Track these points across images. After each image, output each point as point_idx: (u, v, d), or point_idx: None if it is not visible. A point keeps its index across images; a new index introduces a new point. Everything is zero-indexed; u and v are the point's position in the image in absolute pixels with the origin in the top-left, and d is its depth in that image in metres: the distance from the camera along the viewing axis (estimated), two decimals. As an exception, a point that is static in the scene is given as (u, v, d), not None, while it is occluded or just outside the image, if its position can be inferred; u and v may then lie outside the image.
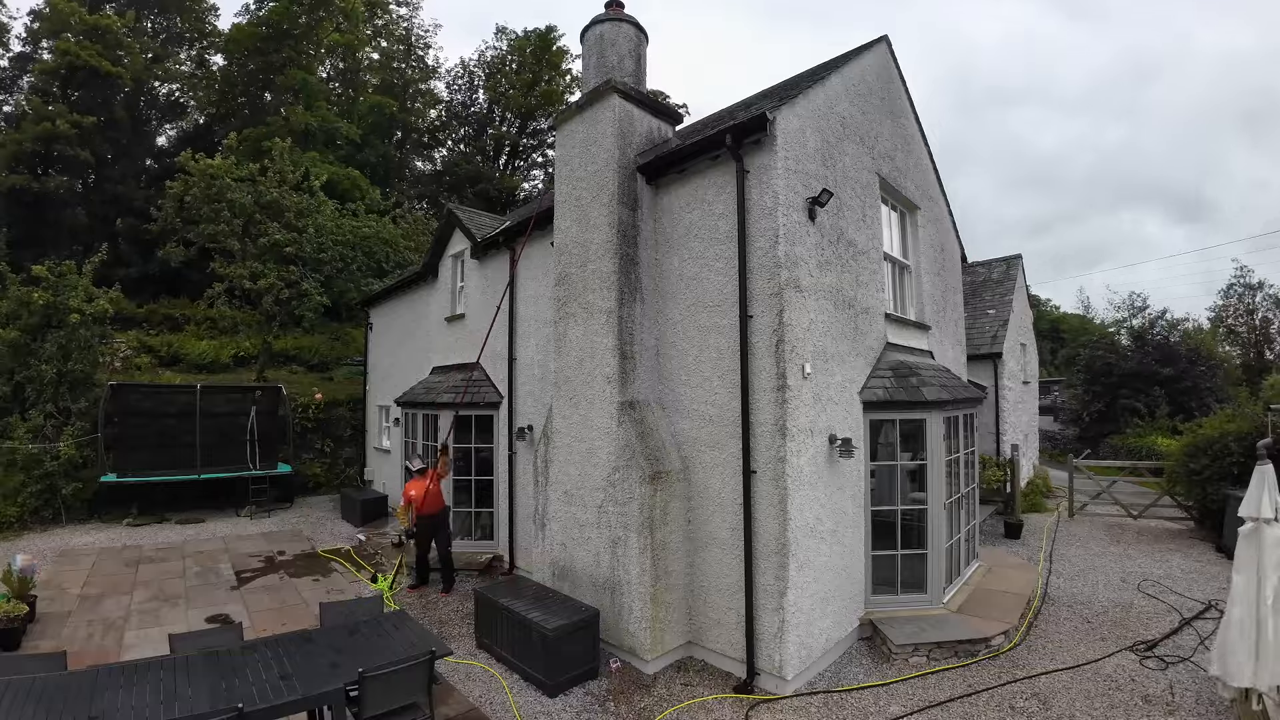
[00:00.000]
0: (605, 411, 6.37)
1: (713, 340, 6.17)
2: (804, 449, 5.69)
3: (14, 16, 25.39)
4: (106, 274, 15.30)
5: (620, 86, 6.69)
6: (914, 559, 6.78)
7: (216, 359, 18.84)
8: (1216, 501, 9.97)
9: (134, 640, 6.48)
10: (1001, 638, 6.26)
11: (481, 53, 34.87)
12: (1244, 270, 33.28)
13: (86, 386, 12.80)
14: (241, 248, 16.02)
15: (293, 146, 18.53)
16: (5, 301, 12.61)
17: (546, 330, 8.15)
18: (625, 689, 5.58)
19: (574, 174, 7.00)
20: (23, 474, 11.48)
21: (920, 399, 6.60)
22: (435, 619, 7.29)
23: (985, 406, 13.01)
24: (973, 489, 8.02)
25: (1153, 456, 15.90)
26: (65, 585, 8.12)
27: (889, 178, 7.87)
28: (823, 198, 6.03)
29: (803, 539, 5.61)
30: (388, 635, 4.61)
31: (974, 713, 5.09)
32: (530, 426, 8.61)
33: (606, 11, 7.49)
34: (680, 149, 6.41)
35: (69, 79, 21.91)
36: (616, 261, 6.36)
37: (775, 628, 5.46)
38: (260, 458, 13.29)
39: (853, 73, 7.33)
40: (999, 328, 15.03)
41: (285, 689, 3.71)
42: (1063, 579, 8.39)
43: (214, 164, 16.15)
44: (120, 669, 3.97)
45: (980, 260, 17.88)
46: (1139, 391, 20.11)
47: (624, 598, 6.06)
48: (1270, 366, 30.77)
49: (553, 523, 7.06)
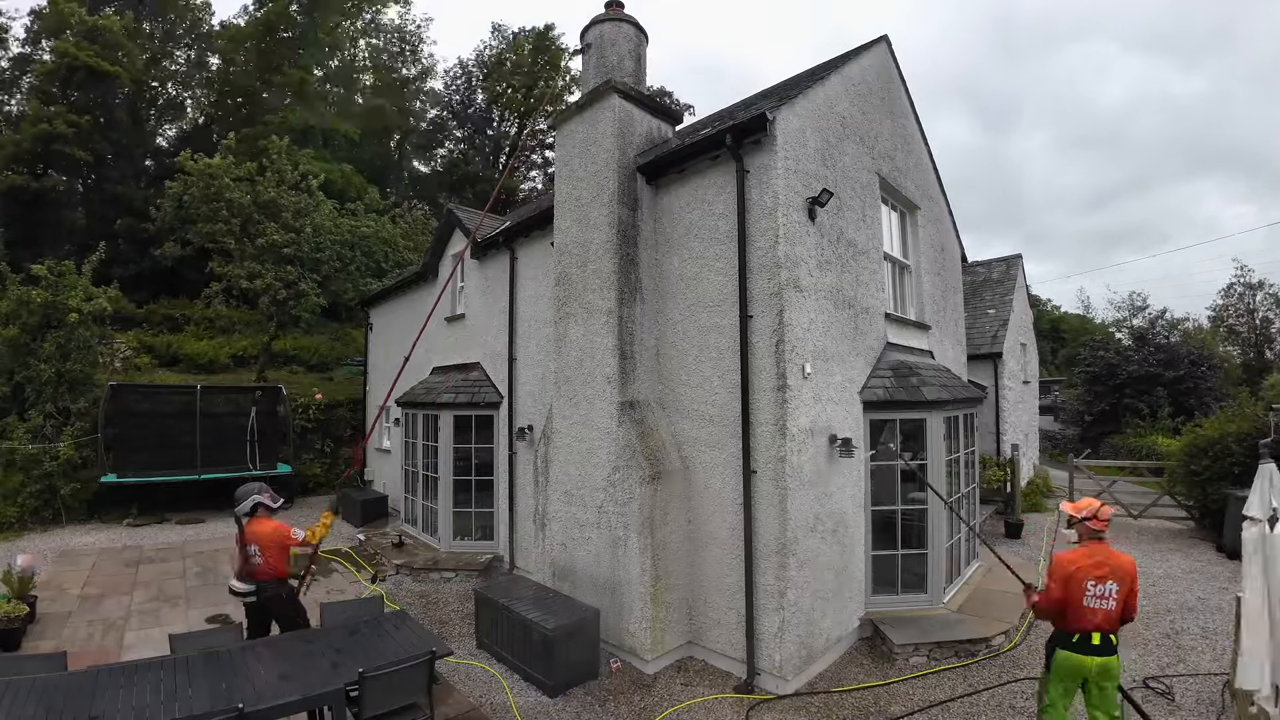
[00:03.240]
0: (605, 411, 6.37)
1: (713, 340, 6.17)
2: (804, 449, 5.69)
3: (14, 17, 25.42)
4: (105, 273, 15.28)
5: (620, 86, 6.69)
6: (914, 559, 6.78)
7: (216, 359, 18.83)
8: (1217, 501, 9.97)
9: (134, 640, 6.48)
10: (1002, 638, 6.26)
11: (480, 52, 34.87)
12: (1244, 270, 33.31)
13: (86, 386, 12.79)
14: (239, 248, 16.01)
15: (290, 145, 18.52)
16: (4, 301, 12.59)
17: (546, 330, 8.15)
18: (625, 689, 5.58)
19: (574, 174, 7.00)
20: (22, 474, 11.47)
21: (920, 399, 6.60)
22: (435, 619, 7.29)
23: (985, 406, 13.01)
24: (973, 489, 8.02)
25: (1153, 456, 15.88)
26: (65, 585, 8.12)
27: (889, 178, 7.87)
28: (823, 198, 6.03)
29: (803, 538, 5.61)
30: (388, 635, 4.61)
31: (974, 713, 5.09)
32: (530, 426, 8.61)
33: (607, 11, 7.50)
34: (680, 149, 6.41)
35: (68, 79, 21.88)
36: (616, 261, 6.36)
37: (775, 627, 5.46)
38: (260, 458, 13.28)
39: (853, 72, 7.33)
40: (999, 327, 15.03)
41: (285, 689, 3.70)
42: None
43: (213, 164, 16.14)
44: (120, 669, 3.97)
45: (980, 260, 17.90)
46: (1142, 393, 20.13)
47: (624, 598, 6.06)
48: (1270, 366, 30.80)
49: (553, 523, 7.06)
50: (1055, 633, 4.15)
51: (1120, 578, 3.96)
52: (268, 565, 5.13)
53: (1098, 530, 4.11)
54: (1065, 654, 4.02)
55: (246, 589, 5.20)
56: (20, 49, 25.21)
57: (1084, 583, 3.97)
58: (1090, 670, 3.95)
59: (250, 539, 5.18)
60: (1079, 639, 3.97)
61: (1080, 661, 3.97)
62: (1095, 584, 3.96)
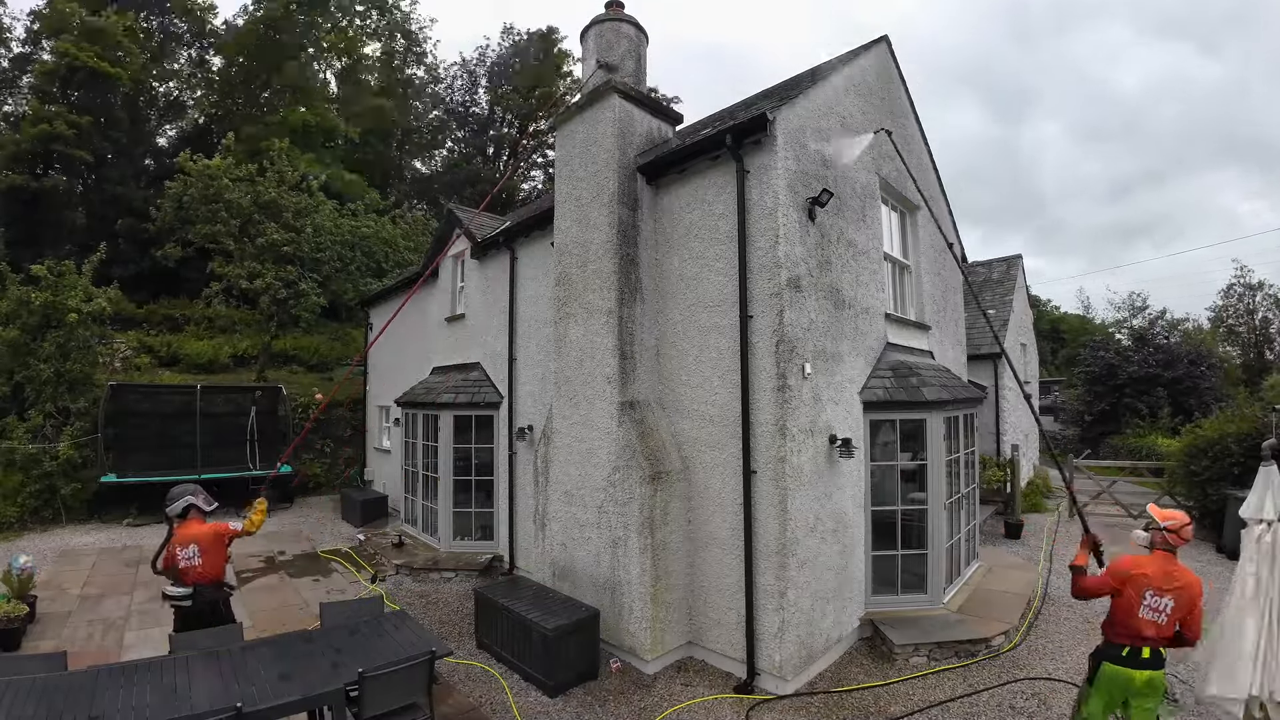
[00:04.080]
0: (605, 412, 6.37)
1: (713, 340, 6.17)
2: (804, 449, 5.69)
3: (15, 17, 25.42)
4: (105, 273, 15.27)
5: (620, 87, 6.69)
6: (914, 559, 6.78)
7: (216, 359, 18.82)
8: (1216, 502, 9.98)
9: (134, 640, 6.48)
10: (1002, 638, 6.26)
11: (482, 52, 34.88)
12: (1244, 270, 33.28)
13: (86, 386, 12.79)
14: (239, 248, 16.01)
15: (291, 146, 18.54)
16: (4, 301, 12.59)
17: (546, 330, 8.15)
18: (625, 689, 5.58)
19: (574, 174, 7.00)
20: (22, 474, 11.47)
21: (920, 399, 6.60)
22: (435, 619, 7.29)
23: (985, 406, 13.02)
24: (973, 489, 8.02)
25: (1153, 457, 15.90)
26: (65, 585, 8.12)
27: (889, 178, 7.88)
28: (823, 198, 6.03)
29: (803, 539, 5.61)
30: (388, 635, 4.61)
31: (974, 713, 5.09)
32: (530, 426, 8.61)
33: (606, 11, 7.50)
34: (680, 149, 6.41)
35: (68, 79, 21.87)
36: (616, 261, 6.36)
37: (775, 627, 5.46)
38: (260, 458, 13.29)
39: (853, 72, 7.34)
40: (999, 328, 15.04)
41: (285, 689, 3.70)
42: (1063, 579, 8.38)
43: (212, 164, 16.15)
44: (120, 669, 3.97)
45: (980, 260, 17.92)
46: (1142, 393, 20.15)
47: (624, 598, 6.06)
48: (1270, 366, 30.76)
49: (553, 523, 7.06)
50: (1104, 645, 4.04)
51: (1181, 598, 3.82)
52: (206, 567, 4.95)
53: (1173, 545, 3.99)
54: (1114, 669, 3.91)
55: (182, 593, 4.96)
56: (20, 49, 25.21)
57: (1144, 591, 3.85)
58: (1137, 684, 3.85)
59: (187, 540, 4.98)
60: (1129, 652, 3.87)
61: (1129, 676, 3.86)
62: (1155, 595, 3.83)
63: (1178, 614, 3.84)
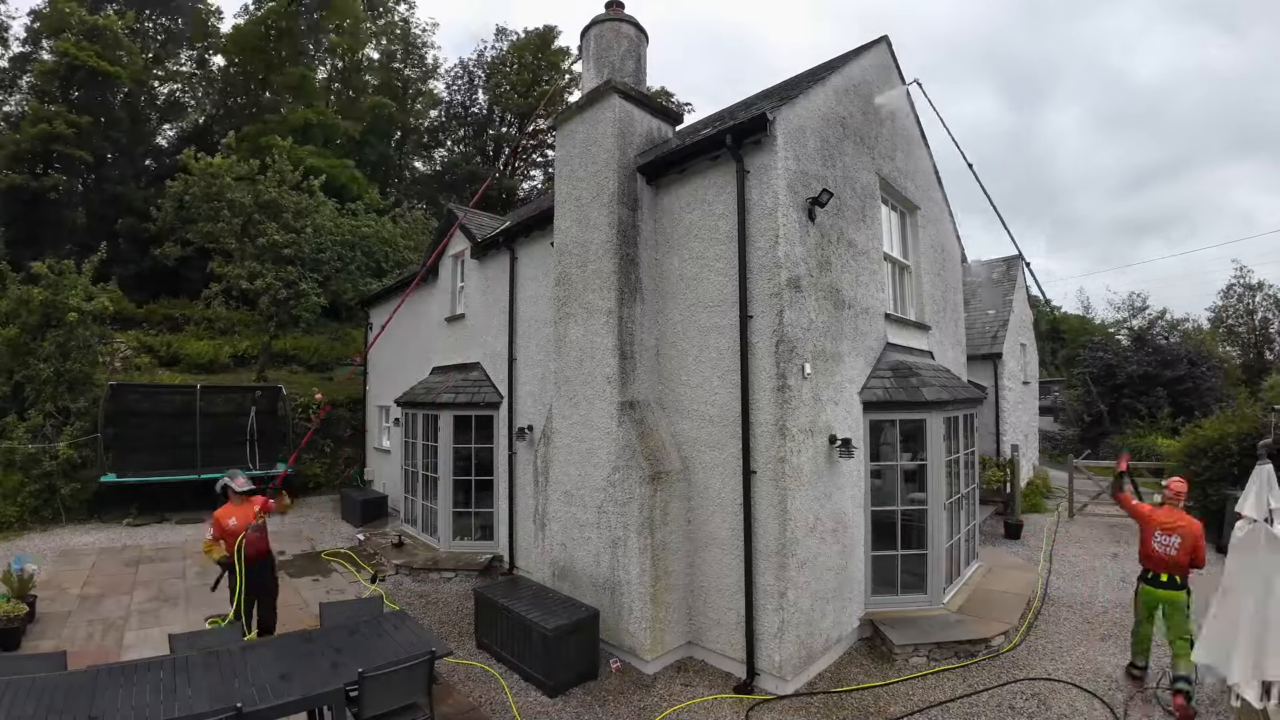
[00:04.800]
0: (605, 412, 6.37)
1: (713, 340, 6.17)
2: (804, 449, 5.69)
3: (14, 17, 25.40)
4: (105, 273, 15.27)
5: (620, 87, 6.69)
6: (914, 559, 6.78)
7: (216, 359, 18.81)
8: (1216, 502, 9.97)
9: (134, 640, 6.48)
10: (1001, 638, 6.26)
11: (481, 53, 34.89)
12: (1244, 270, 33.28)
13: (85, 386, 12.78)
14: (240, 247, 16.01)
15: (292, 145, 18.53)
16: (4, 300, 12.59)
17: (546, 330, 8.15)
18: (625, 689, 5.58)
19: (574, 174, 7.00)
20: (22, 474, 11.46)
21: (920, 399, 6.60)
22: (435, 619, 7.29)
23: (985, 407, 13.01)
24: (973, 489, 8.02)
25: (1153, 457, 15.89)
26: (65, 585, 8.12)
27: (889, 178, 7.87)
28: (823, 198, 6.03)
29: (803, 539, 5.61)
30: (388, 635, 4.61)
31: (974, 713, 5.09)
32: (530, 426, 8.61)
33: (607, 12, 7.50)
34: (680, 149, 6.41)
35: (69, 79, 21.89)
36: (616, 261, 6.36)
37: (775, 628, 5.46)
38: (260, 458, 13.28)
39: (853, 73, 7.33)
40: (999, 328, 15.04)
41: (285, 689, 3.71)
42: (1063, 579, 8.39)
43: (215, 163, 16.15)
44: (120, 669, 3.97)
45: (980, 261, 17.92)
46: (1141, 394, 20.16)
47: (624, 598, 6.06)
48: (1270, 367, 30.77)
49: (553, 523, 7.06)
50: (1142, 571, 5.50)
51: (1185, 534, 5.21)
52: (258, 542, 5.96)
53: (1173, 500, 5.47)
54: (1145, 587, 5.43)
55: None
56: (20, 49, 25.21)
57: (1154, 531, 5.35)
58: (1160, 600, 5.29)
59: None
60: (1151, 576, 5.37)
61: (1153, 593, 5.34)
62: (1162, 534, 5.31)
63: (1185, 546, 5.21)
